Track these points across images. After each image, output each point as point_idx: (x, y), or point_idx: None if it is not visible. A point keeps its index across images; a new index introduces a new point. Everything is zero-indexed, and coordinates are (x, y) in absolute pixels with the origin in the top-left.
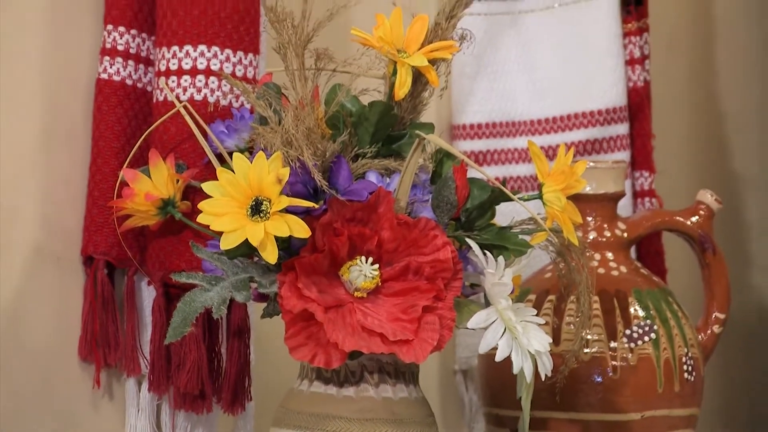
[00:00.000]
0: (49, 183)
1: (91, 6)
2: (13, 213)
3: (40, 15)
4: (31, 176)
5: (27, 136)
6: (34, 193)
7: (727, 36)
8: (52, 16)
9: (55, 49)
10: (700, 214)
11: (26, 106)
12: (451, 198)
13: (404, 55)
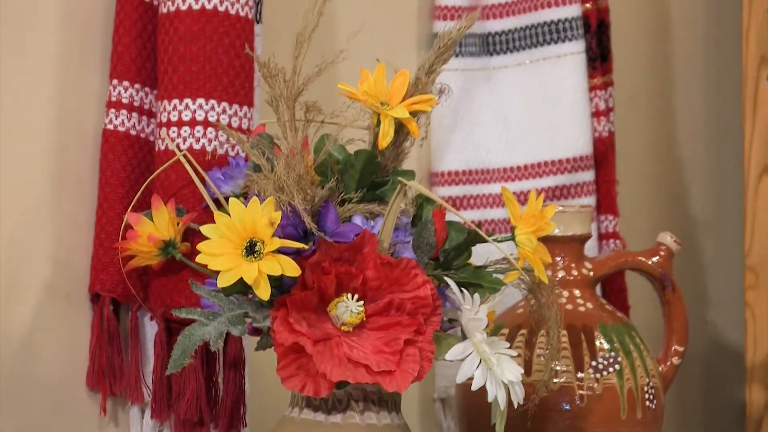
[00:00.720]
0: (58, 226)
1: (97, 62)
2: (25, 253)
3: (50, 69)
4: (42, 220)
5: (38, 182)
6: (45, 235)
7: (684, 90)
8: (62, 71)
9: (64, 101)
10: (660, 254)
11: (38, 155)
12: (431, 240)
13: (387, 108)
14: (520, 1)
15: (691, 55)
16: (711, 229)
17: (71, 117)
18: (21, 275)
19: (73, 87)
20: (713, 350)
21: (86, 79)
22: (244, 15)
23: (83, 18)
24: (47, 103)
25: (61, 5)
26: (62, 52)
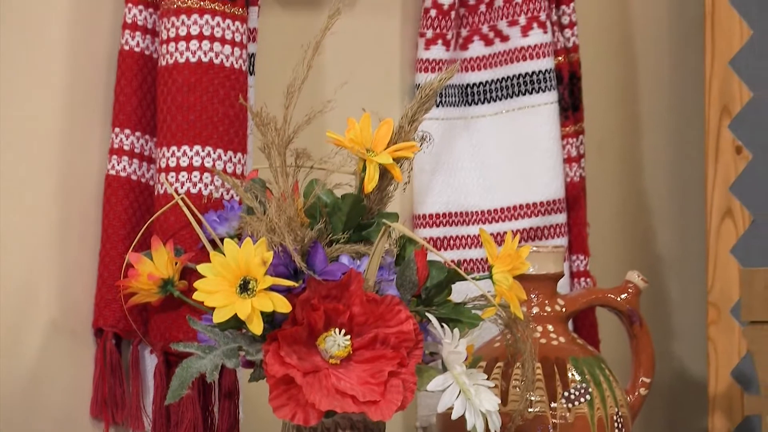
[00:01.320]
0: (64, 265)
1: (100, 111)
2: (34, 292)
3: (56, 119)
4: (49, 259)
5: (46, 224)
6: (52, 274)
7: (650, 138)
8: (68, 121)
9: (70, 148)
10: (628, 291)
11: (45, 198)
12: (413, 278)
13: (372, 154)
14: (496, 55)
15: (657, 105)
16: (676, 268)
17: (76, 163)
18: (30, 311)
19: (78, 135)
20: (678, 382)
21: (90, 128)
22: (238, 67)
23: (87, 70)
24: (54, 150)
25: (67, 57)
26: (68, 103)
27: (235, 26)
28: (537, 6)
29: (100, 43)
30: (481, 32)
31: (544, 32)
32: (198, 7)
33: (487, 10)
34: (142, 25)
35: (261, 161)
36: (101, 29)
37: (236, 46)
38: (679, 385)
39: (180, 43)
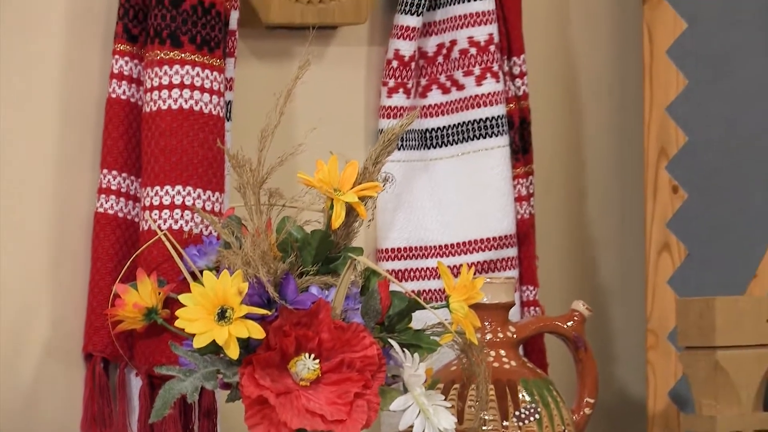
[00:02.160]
0: (57, 295)
1: (89, 154)
2: (29, 318)
3: (50, 162)
4: (44, 290)
5: (40, 258)
6: (46, 303)
7: (594, 177)
8: (60, 164)
9: (62, 189)
10: (574, 319)
11: (39, 234)
12: (377, 307)
13: (339, 194)
14: (453, 102)
15: (600, 148)
16: (617, 297)
17: (69, 201)
18: (25, 337)
19: (70, 175)
20: (619, 402)
21: (81, 169)
22: (216, 114)
23: (78, 116)
24: (48, 189)
25: (60, 103)
26: (60, 146)
27: (213, 76)
28: (490, 58)
29: (89, 91)
30: (439, 81)
31: (497, 81)
32: (179, 59)
33: (444, 61)
34: (128, 74)
35: (237, 200)
36: (91, 78)
37: (214, 94)
38: (621, 405)
39: (163, 91)
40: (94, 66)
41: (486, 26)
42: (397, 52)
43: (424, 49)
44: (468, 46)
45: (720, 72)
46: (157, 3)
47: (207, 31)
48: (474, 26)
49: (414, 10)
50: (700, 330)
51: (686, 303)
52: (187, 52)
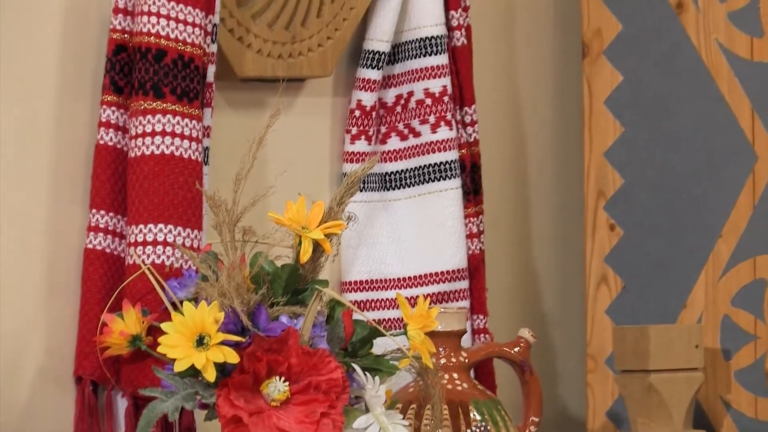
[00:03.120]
0: (50, 323)
1: (79, 195)
2: (24, 345)
3: (43, 202)
4: (38, 318)
5: (35, 289)
6: (40, 330)
7: (538, 216)
8: (53, 203)
9: (55, 227)
10: (520, 345)
11: (36, 268)
12: (341, 334)
13: (307, 231)
14: (410, 148)
15: (544, 189)
16: (560, 326)
17: (61, 238)
18: (20, 362)
19: (62, 215)
20: (562, 421)
21: (72, 209)
22: (195, 158)
23: (69, 161)
24: (42, 227)
25: (52, 150)
26: (53, 188)
27: (192, 124)
28: (444, 107)
29: (80, 137)
30: (398, 129)
31: (450, 129)
32: (161, 109)
33: (402, 110)
34: (114, 123)
35: (214, 237)
36: (81, 126)
37: (193, 141)
38: (563, 424)
39: (146, 138)
40: (84, 115)
41: (440, 79)
42: (360, 103)
43: (384, 100)
44: (424, 97)
45: (653, 120)
46: (141, 57)
47: (186, 83)
48: (429, 79)
49: (375, 64)
50: (635, 355)
51: (622, 331)
52: (168, 102)
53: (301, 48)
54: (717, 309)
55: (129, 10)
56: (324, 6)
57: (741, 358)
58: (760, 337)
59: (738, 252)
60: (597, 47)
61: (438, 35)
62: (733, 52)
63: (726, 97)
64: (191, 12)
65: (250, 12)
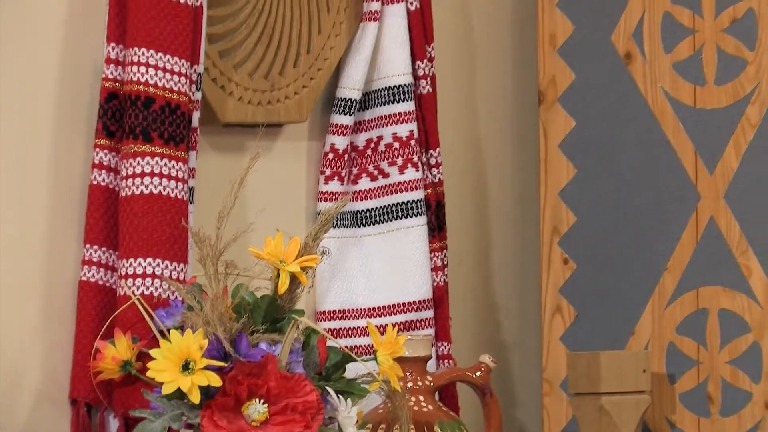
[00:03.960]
0: (47, 349)
1: (74, 231)
2: (22, 369)
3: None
4: (35, 345)
5: (33, 317)
6: (37, 355)
7: (498, 252)
8: (50, 238)
9: (52, 261)
10: (481, 370)
11: (33, 300)
12: (316, 360)
13: (284, 265)
14: (379, 188)
15: (503, 227)
16: (518, 352)
17: (58, 271)
18: (20, 384)
19: (58, 249)
20: None
21: (67, 244)
22: (181, 198)
23: (65, 199)
24: (40, 261)
25: (49, 189)
26: (50, 224)
27: (178, 166)
28: (410, 150)
29: (75, 177)
30: (368, 170)
31: (416, 170)
32: (150, 152)
33: (372, 153)
34: (106, 164)
35: (198, 270)
36: (77, 167)
37: (179, 182)
38: None
39: (136, 179)
40: (79, 157)
41: (407, 124)
42: (333, 146)
43: (355, 143)
44: (392, 141)
45: (604, 162)
46: (131, 104)
47: (173, 128)
48: (397, 124)
49: (347, 110)
50: (587, 379)
51: (576, 356)
52: (156, 146)
53: (279, 95)
54: (663, 336)
55: (120, 61)
56: (300, 57)
57: (685, 382)
58: (703, 362)
59: (682, 284)
60: (552, 95)
61: (405, 84)
62: (677, 99)
63: (671, 140)
64: (177, 62)
65: (232, 62)
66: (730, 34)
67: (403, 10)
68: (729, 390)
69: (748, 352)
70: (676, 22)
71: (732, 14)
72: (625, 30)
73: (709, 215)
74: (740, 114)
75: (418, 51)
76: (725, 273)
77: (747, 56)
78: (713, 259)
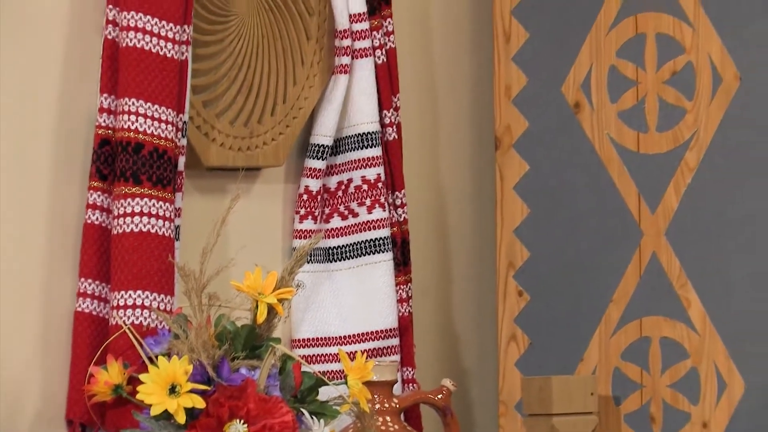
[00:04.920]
0: (45, 374)
1: (70, 266)
2: (23, 391)
3: (39, 271)
4: (36, 371)
5: (32, 346)
6: (38, 381)
7: (459, 284)
8: (49, 273)
9: (50, 293)
10: (443, 393)
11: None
12: (292, 383)
13: (262, 297)
14: (350, 226)
15: (463, 261)
16: (477, 376)
17: (55, 303)
18: (20, 406)
19: (55, 282)
20: None
21: (64, 277)
22: (168, 235)
23: (61, 237)
24: (38, 292)
25: (47, 229)
26: (48, 259)
27: (165, 206)
28: (378, 192)
29: (70, 217)
30: (339, 210)
31: (383, 210)
32: (139, 193)
33: (343, 194)
34: (99, 205)
35: (184, 301)
36: (71, 208)
37: (166, 221)
38: None
39: (127, 218)
40: (74, 198)
41: (375, 168)
42: (307, 188)
43: (327, 186)
44: (361, 183)
45: (555, 202)
46: (122, 150)
47: (161, 171)
48: (366, 168)
49: (320, 155)
50: (540, 401)
51: (529, 381)
52: (145, 188)
53: (257, 142)
54: (609, 362)
55: (112, 110)
56: (277, 106)
57: (629, 404)
58: (646, 386)
59: (626, 314)
60: (507, 141)
61: (373, 131)
62: (622, 145)
63: (616, 183)
64: (165, 111)
65: (214, 111)
66: (671, 85)
67: (371, 64)
68: (670, 411)
69: (686, 377)
70: (621, 75)
71: (672, 67)
72: (575, 81)
73: (651, 251)
74: (680, 158)
75: (385, 101)
76: (666, 304)
77: (686, 105)
78: (655, 291)
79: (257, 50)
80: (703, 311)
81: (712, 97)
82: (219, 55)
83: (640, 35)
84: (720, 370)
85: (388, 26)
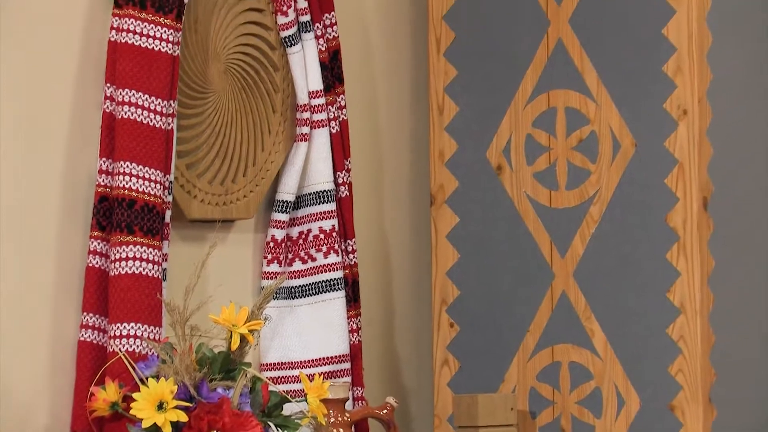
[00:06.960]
0: (54, 393)
1: (74, 302)
2: (34, 408)
3: (48, 308)
4: (44, 391)
5: (41, 370)
6: (46, 398)
7: (400, 317)
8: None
9: (57, 326)
10: (387, 409)
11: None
12: (260, 401)
13: (236, 328)
14: (309, 269)
15: (404, 298)
16: (415, 394)
17: (62, 333)
18: (31, 421)
19: (61, 317)
20: None
21: (68, 313)
22: (156, 276)
23: (66, 278)
24: (48, 325)
25: (53, 271)
26: (54, 298)
27: (155, 252)
28: (333, 240)
29: (75, 262)
30: (300, 255)
31: (337, 256)
32: (132, 241)
33: (304, 242)
34: (99, 251)
35: (170, 332)
36: (75, 253)
37: (155, 264)
38: None
39: (122, 262)
40: (78, 245)
41: (330, 220)
42: (273, 237)
43: (290, 235)
44: (319, 233)
45: (481, 249)
46: (118, 205)
47: (150, 223)
48: (323, 220)
49: (284, 209)
50: (468, 415)
51: (459, 398)
52: (138, 236)
53: (231, 198)
54: (526, 382)
55: (109, 171)
56: (248, 168)
57: (543, 418)
58: (557, 402)
59: (541, 342)
60: (441, 197)
61: (329, 189)
62: (537, 201)
63: (532, 232)
64: (154, 172)
65: (195, 172)
66: (578, 150)
67: (327, 133)
68: (578, 424)
69: (591, 395)
70: (536, 142)
71: (579, 135)
72: (497, 148)
73: (561, 289)
74: (585, 212)
75: (339, 164)
76: (574, 334)
77: (590, 167)
78: (565, 323)
79: (231, 122)
80: (605, 339)
81: (612, 161)
82: (199, 125)
83: (552, 109)
84: (619, 390)
85: (341, 101)
